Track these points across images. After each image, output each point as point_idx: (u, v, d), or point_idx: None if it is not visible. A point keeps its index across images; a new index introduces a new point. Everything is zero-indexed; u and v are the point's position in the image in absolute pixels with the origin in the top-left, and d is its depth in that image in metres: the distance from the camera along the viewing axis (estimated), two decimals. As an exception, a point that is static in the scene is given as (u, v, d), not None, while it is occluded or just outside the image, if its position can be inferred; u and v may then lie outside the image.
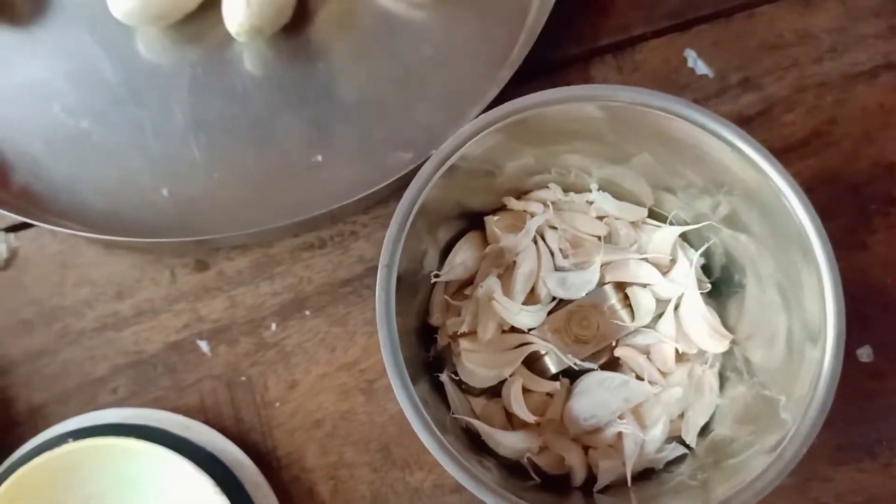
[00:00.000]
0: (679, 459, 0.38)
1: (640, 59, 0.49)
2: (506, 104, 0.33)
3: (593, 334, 0.37)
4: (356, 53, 0.49)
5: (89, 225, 0.45)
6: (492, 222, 0.39)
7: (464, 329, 0.38)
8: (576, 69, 0.49)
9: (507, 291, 0.38)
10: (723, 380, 0.39)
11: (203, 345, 0.45)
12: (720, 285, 0.40)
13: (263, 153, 0.47)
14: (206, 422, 0.44)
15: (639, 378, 0.38)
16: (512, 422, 0.38)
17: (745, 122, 0.48)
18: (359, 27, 0.49)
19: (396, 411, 0.45)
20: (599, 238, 0.39)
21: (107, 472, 0.41)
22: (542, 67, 0.47)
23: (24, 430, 0.44)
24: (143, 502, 0.41)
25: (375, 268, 0.46)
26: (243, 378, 0.45)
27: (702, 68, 0.49)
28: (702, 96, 0.48)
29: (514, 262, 0.38)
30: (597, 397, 0.37)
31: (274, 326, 0.45)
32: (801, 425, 0.32)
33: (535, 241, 0.39)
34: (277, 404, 0.45)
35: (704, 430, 0.38)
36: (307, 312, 0.46)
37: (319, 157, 0.47)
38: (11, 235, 0.46)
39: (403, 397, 0.31)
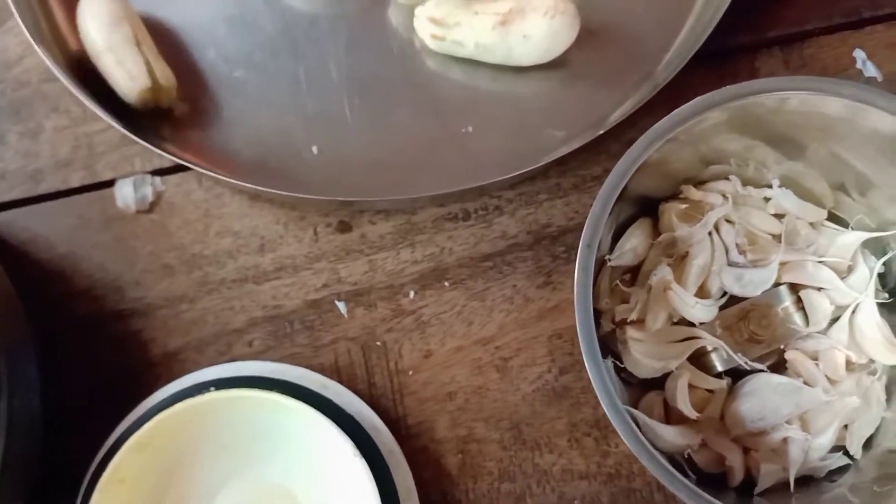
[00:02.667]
0: (840, 469, 0.37)
1: (808, 55, 0.47)
2: (732, 87, 0.32)
3: (770, 335, 0.36)
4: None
5: (237, 174, 0.45)
6: (671, 210, 0.38)
7: (633, 317, 0.37)
8: (742, 59, 0.47)
9: (679, 283, 0.37)
10: (888, 393, 0.38)
11: (341, 306, 0.45)
12: (893, 295, 0.39)
13: (415, 119, 0.46)
14: (340, 383, 0.43)
15: (806, 383, 0.37)
16: (669, 416, 0.38)
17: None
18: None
19: (529, 391, 0.44)
20: (774, 236, 0.38)
21: (245, 423, 0.41)
22: (706, 54, 0.46)
23: (159, 373, 0.44)
24: (277, 456, 0.41)
25: (517, 245, 0.46)
26: (378, 343, 0.44)
27: (870, 70, 0.47)
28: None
29: (687, 253, 0.37)
30: (767, 400, 0.35)
31: (412, 294, 0.45)
32: None
33: (710, 234, 0.38)
34: (411, 372, 0.44)
35: (869, 443, 0.37)
36: (446, 283, 0.45)
37: (470, 128, 0.46)
38: (158, 179, 0.46)
39: (598, 382, 0.30)
